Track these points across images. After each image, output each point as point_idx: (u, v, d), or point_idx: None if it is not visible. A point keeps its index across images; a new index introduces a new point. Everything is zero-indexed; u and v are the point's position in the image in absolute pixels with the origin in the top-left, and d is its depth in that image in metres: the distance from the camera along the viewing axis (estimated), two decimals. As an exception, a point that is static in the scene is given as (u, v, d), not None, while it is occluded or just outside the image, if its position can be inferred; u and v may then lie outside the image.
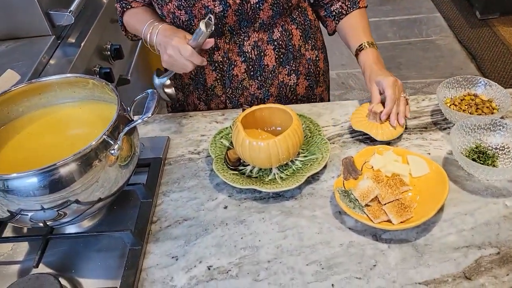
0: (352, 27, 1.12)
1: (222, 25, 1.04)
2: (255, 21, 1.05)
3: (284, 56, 1.13)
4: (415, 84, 2.86)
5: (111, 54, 1.66)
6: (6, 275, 0.79)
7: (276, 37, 1.10)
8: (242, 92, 1.16)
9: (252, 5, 1.01)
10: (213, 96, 1.18)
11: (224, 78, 1.14)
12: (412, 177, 0.86)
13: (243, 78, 1.14)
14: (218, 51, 1.10)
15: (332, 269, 0.75)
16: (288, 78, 1.16)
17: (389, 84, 0.96)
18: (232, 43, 1.08)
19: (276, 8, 1.04)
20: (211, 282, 0.75)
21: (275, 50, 1.11)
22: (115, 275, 0.77)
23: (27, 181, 0.70)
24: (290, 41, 1.12)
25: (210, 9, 1.00)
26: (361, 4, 1.14)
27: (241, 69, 1.12)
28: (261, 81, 1.15)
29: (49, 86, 0.88)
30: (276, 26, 1.09)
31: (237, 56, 1.10)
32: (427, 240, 0.77)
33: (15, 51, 1.37)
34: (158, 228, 0.85)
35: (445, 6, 3.58)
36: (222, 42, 1.08)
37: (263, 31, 1.08)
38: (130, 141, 0.80)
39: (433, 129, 0.99)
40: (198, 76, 1.16)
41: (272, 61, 1.12)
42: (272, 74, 1.14)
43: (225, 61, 1.11)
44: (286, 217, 0.84)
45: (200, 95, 1.19)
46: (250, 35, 1.08)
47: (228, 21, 1.03)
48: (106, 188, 0.77)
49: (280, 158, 0.87)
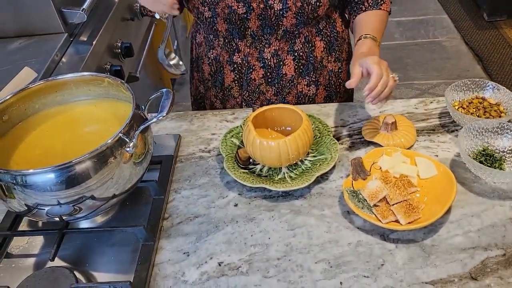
0: (365, 22, 1.07)
1: (245, 29, 1.05)
2: (278, 28, 1.05)
3: (304, 67, 1.13)
4: (421, 85, 2.87)
5: (121, 52, 1.68)
6: (21, 268, 0.81)
7: (297, 48, 1.10)
8: (259, 96, 1.17)
9: (275, 11, 1.01)
10: (230, 97, 1.19)
11: (242, 80, 1.15)
12: (420, 179, 0.87)
13: (261, 83, 1.15)
14: (238, 53, 1.11)
15: (340, 267, 0.76)
16: (308, 89, 1.17)
17: (374, 61, 0.89)
18: (253, 47, 1.10)
19: (300, 17, 1.03)
20: (222, 278, 0.77)
21: (294, 60, 1.11)
22: (127, 270, 0.79)
23: (45, 177, 0.72)
24: (311, 52, 1.12)
25: (233, 9, 1.02)
26: (383, 7, 1.07)
27: (259, 74, 1.13)
28: (278, 88, 1.16)
29: (65, 84, 0.90)
30: (299, 36, 1.08)
31: (256, 61, 1.12)
32: (434, 241, 0.79)
33: (28, 48, 1.39)
34: (170, 225, 0.86)
35: (452, 8, 3.58)
36: (243, 45, 1.10)
37: (285, 41, 1.08)
38: (144, 139, 0.82)
39: (441, 131, 1.00)
40: (217, 74, 1.17)
41: (291, 71, 1.13)
42: (290, 83, 1.15)
43: (244, 64, 1.12)
44: (295, 215, 0.86)
45: (217, 93, 1.21)
46: (271, 42, 1.08)
47: (250, 25, 1.04)
48: (121, 185, 0.79)
49: (290, 157, 0.89)
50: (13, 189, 0.73)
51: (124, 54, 1.70)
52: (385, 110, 1.08)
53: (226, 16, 1.03)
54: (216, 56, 1.15)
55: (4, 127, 0.86)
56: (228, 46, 1.12)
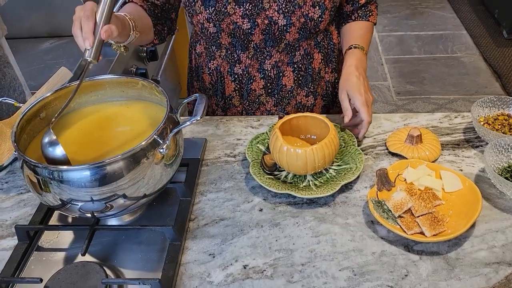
0: (353, 31, 1.14)
1: (248, 41, 1.07)
2: (281, 41, 1.08)
3: (303, 78, 1.16)
4: (438, 100, 2.87)
5: (146, 55, 1.72)
6: (52, 261, 0.83)
7: (296, 60, 1.13)
8: (259, 107, 1.20)
9: (279, 27, 1.04)
10: (231, 105, 1.22)
11: (242, 91, 1.18)
12: (445, 192, 0.88)
13: (261, 94, 1.17)
14: (239, 64, 1.13)
15: (364, 276, 0.77)
16: (306, 99, 1.20)
17: (361, 103, 0.97)
18: (254, 59, 1.12)
19: (303, 32, 1.07)
20: (247, 281, 0.78)
21: (294, 72, 1.14)
22: (154, 268, 0.81)
23: (80, 174, 0.74)
24: (310, 64, 1.15)
25: (238, 25, 1.04)
26: (371, 19, 1.16)
27: (260, 85, 1.16)
28: (278, 99, 1.18)
29: (101, 84, 0.92)
30: (299, 49, 1.11)
31: (256, 72, 1.14)
32: (458, 254, 0.79)
33: (58, 49, 1.43)
34: (196, 226, 0.88)
35: (472, 24, 3.58)
36: (244, 56, 1.12)
37: (285, 53, 1.11)
38: (176, 141, 0.84)
39: (465, 146, 1.01)
40: (217, 84, 1.19)
41: (290, 82, 1.15)
42: (290, 94, 1.17)
43: (244, 74, 1.15)
44: (319, 223, 0.87)
45: (218, 102, 1.23)
46: (272, 54, 1.11)
47: (254, 38, 1.07)
48: (151, 185, 0.81)
49: (316, 165, 0.90)
50: (50, 184, 0.75)
51: (149, 58, 1.74)
52: (409, 123, 1.09)
53: (231, 31, 1.05)
54: (217, 67, 1.17)
55: (41, 124, 0.88)
56: (229, 58, 1.14)
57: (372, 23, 1.17)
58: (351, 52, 1.08)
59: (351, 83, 1.01)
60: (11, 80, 1.09)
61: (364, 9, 1.15)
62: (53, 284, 0.75)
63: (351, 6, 1.15)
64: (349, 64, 1.05)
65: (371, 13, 1.16)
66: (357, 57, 1.06)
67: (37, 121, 0.87)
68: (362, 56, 1.07)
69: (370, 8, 1.16)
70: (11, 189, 0.99)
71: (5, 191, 0.99)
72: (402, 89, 2.99)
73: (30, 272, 0.81)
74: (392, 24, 3.66)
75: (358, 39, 1.11)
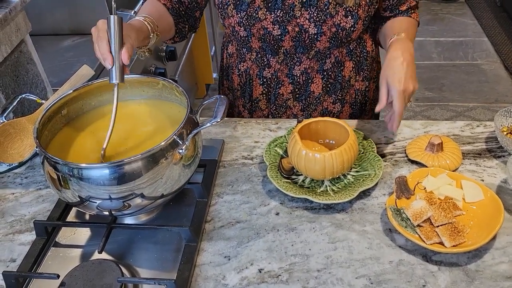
0: (395, 27, 1.07)
1: (278, 47, 1.07)
2: (311, 49, 1.07)
3: (332, 85, 1.15)
4: (457, 107, 2.83)
5: (165, 55, 1.73)
6: (68, 258, 0.84)
7: (327, 67, 1.11)
8: (285, 111, 1.19)
9: (310, 35, 1.04)
10: (257, 108, 1.21)
11: (270, 94, 1.17)
12: (466, 202, 0.86)
13: (288, 98, 1.17)
14: (269, 68, 1.13)
15: (381, 284, 0.76)
16: (333, 106, 1.18)
17: (398, 93, 0.91)
18: (284, 64, 1.12)
19: (333, 42, 1.05)
20: (262, 285, 0.78)
21: (323, 79, 1.13)
22: (169, 268, 0.81)
23: (100, 172, 0.75)
24: (340, 72, 1.13)
25: (268, 30, 1.04)
26: (413, 16, 1.11)
27: (288, 89, 1.15)
28: (305, 105, 1.17)
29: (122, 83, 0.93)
30: (330, 57, 1.10)
31: (285, 77, 1.13)
32: (478, 266, 0.78)
33: (80, 46, 1.44)
34: (212, 228, 0.88)
35: (493, 31, 3.53)
36: (274, 61, 1.12)
37: (315, 60, 1.10)
38: (194, 142, 0.84)
39: (487, 156, 0.99)
40: (246, 86, 1.19)
41: (318, 89, 1.14)
42: (317, 100, 1.16)
43: (273, 78, 1.14)
44: (336, 229, 0.86)
45: (245, 104, 1.23)
46: (302, 61, 1.10)
47: (284, 44, 1.06)
48: (169, 185, 0.81)
49: (334, 171, 0.90)
50: (69, 180, 0.76)
51: (168, 57, 1.75)
52: (430, 130, 1.08)
53: (261, 36, 1.05)
54: (247, 69, 1.17)
55: (62, 121, 0.89)
56: (259, 61, 1.14)
57: (416, 21, 1.11)
58: (396, 40, 0.99)
59: (392, 69, 0.93)
60: (34, 77, 1.11)
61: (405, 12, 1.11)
62: (70, 280, 0.75)
63: (390, 13, 1.10)
64: (394, 48, 0.97)
65: (414, 11, 1.11)
66: (403, 43, 0.98)
67: (59, 118, 0.88)
68: (408, 43, 0.99)
69: (411, 11, 1.11)
70: (30, 184, 1.00)
71: (24, 186, 1.00)
72: (421, 95, 2.96)
73: (47, 268, 0.82)
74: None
75: (402, 30, 1.03)
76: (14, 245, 0.87)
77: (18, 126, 0.88)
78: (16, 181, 1.01)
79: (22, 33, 1.04)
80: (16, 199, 0.97)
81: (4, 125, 0.86)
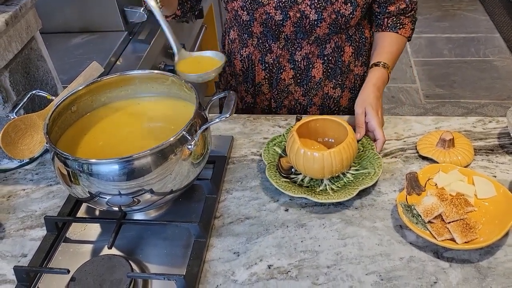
0: (384, 45, 1.12)
1: (279, 32, 1.09)
2: (311, 35, 1.09)
3: (332, 70, 1.16)
4: (469, 104, 2.80)
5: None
6: (78, 253, 0.85)
7: (327, 52, 1.13)
8: (287, 96, 1.21)
9: (310, 21, 1.06)
10: (260, 93, 1.23)
11: (272, 79, 1.19)
12: (478, 199, 0.85)
13: (290, 84, 1.19)
14: (270, 54, 1.15)
15: (391, 281, 0.76)
16: (333, 91, 1.20)
17: (378, 124, 0.98)
18: (285, 49, 1.13)
19: (333, 28, 1.08)
20: (271, 281, 0.77)
21: (323, 64, 1.15)
22: (179, 264, 0.81)
23: (109, 168, 0.75)
24: (340, 57, 1.15)
25: (271, 15, 1.06)
26: (401, 32, 1.13)
27: (289, 74, 1.17)
28: (306, 90, 1.19)
29: (131, 79, 0.93)
30: (330, 42, 1.12)
31: (287, 62, 1.15)
32: (491, 263, 0.77)
33: (90, 44, 1.45)
34: (221, 224, 0.88)
35: (505, 27, 3.48)
36: (275, 46, 1.14)
37: (316, 45, 1.12)
38: (204, 138, 0.84)
39: (500, 152, 0.98)
40: (248, 71, 1.21)
41: (319, 74, 1.16)
42: (318, 85, 1.18)
43: (275, 64, 1.16)
44: (346, 225, 0.86)
45: (248, 88, 1.25)
46: (303, 46, 1.12)
47: (285, 30, 1.08)
48: (178, 181, 0.81)
49: (333, 170, 0.89)
50: (79, 176, 0.76)
51: (177, 54, 1.74)
52: (441, 126, 1.06)
53: (263, 21, 1.08)
54: (249, 54, 1.19)
55: (72, 117, 0.90)
56: (261, 47, 1.15)
57: (405, 37, 1.14)
58: (376, 69, 1.07)
59: (371, 101, 1.01)
60: (44, 74, 1.12)
61: (394, 19, 1.13)
62: (80, 275, 0.76)
63: (378, 8, 1.13)
64: (372, 82, 1.05)
65: (402, 26, 1.13)
66: (380, 76, 1.06)
67: (69, 114, 0.89)
68: (385, 76, 1.08)
69: (402, 20, 1.12)
70: (41, 180, 1.01)
71: (35, 182, 1.01)
72: (431, 92, 2.93)
73: (57, 263, 0.83)
74: (423, 26, 3.58)
75: (386, 55, 1.10)
76: (25, 241, 0.88)
77: (29, 122, 0.89)
78: (27, 177, 1.02)
79: (32, 30, 1.05)
80: (27, 195, 0.98)
81: (15, 121, 0.86)
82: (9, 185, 1.01)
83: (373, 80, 1.05)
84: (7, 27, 0.95)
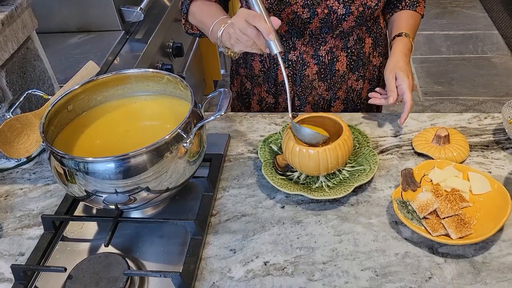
0: (402, 20, 1.16)
1: (304, 29, 1.09)
2: (336, 29, 1.10)
3: (355, 63, 1.17)
4: (467, 101, 2.80)
5: (172, 51, 1.73)
6: (76, 251, 0.85)
7: (350, 44, 1.14)
8: (311, 92, 1.20)
9: (338, 16, 1.06)
10: (282, 91, 1.22)
11: (295, 77, 1.18)
12: (472, 194, 0.85)
13: (314, 79, 1.18)
14: (294, 51, 1.14)
15: (387, 277, 0.76)
16: (356, 84, 1.21)
17: (408, 87, 1.01)
18: (309, 46, 1.13)
19: (359, 20, 1.08)
20: (267, 277, 0.78)
21: (347, 57, 1.15)
22: (175, 261, 0.82)
23: (105, 166, 0.75)
24: (362, 48, 1.16)
25: (298, 14, 1.05)
26: (418, 10, 1.17)
27: (313, 70, 1.16)
28: (330, 84, 1.19)
29: (127, 78, 0.93)
30: (352, 34, 1.13)
31: (311, 58, 1.15)
32: (485, 258, 0.77)
33: (87, 43, 1.45)
34: (217, 221, 0.88)
35: (503, 24, 3.48)
36: (299, 43, 1.13)
37: (339, 39, 1.12)
38: (199, 136, 0.84)
39: (495, 147, 0.98)
40: (270, 70, 1.20)
41: (343, 67, 1.16)
42: (342, 78, 1.18)
43: (298, 61, 1.15)
44: (342, 222, 0.86)
45: (269, 89, 1.23)
46: (327, 40, 1.12)
47: (311, 26, 1.08)
48: (174, 179, 0.82)
49: (328, 167, 0.89)
50: (75, 175, 0.76)
51: (174, 54, 1.75)
52: (436, 123, 1.07)
53: (290, 20, 1.07)
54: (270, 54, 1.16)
55: (68, 116, 0.90)
56: (284, 45, 1.14)
57: (420, 15, 1.18)
58: (400, 39, 1.11)
59: (401, 66, 1.04)
60: (41, 73, 1.12)
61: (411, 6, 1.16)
62: (77, 273, 0.76)
63: None
64: (399, 49, 1.08)
65: (418, 4, 1.17)
66: (406, 43, 1.10)
67: (65, 113, 0.89)
68: (409, 44, 1.11)
69: (416, 6, 1.17)
70: (38, 179, 1.02)
71: (32, 182, 1.01)
72: (430, 89, 2.94)
73: (54, 261, 0.83)
74: (421, 23, 3.57)
75: (406, 28, 1.13)
76: (22, 239, 0.88)
77: (25, 121, 0.89)
78: (25, 177, 1.03)
79: (28, 30, 1.05)
80: (25, 194, 0.98)
81: (11, 120, 0.87)
82: (7, 184, 1.01)
83: (400, 47, 1.08)
84: (2, 27, 0.95)
